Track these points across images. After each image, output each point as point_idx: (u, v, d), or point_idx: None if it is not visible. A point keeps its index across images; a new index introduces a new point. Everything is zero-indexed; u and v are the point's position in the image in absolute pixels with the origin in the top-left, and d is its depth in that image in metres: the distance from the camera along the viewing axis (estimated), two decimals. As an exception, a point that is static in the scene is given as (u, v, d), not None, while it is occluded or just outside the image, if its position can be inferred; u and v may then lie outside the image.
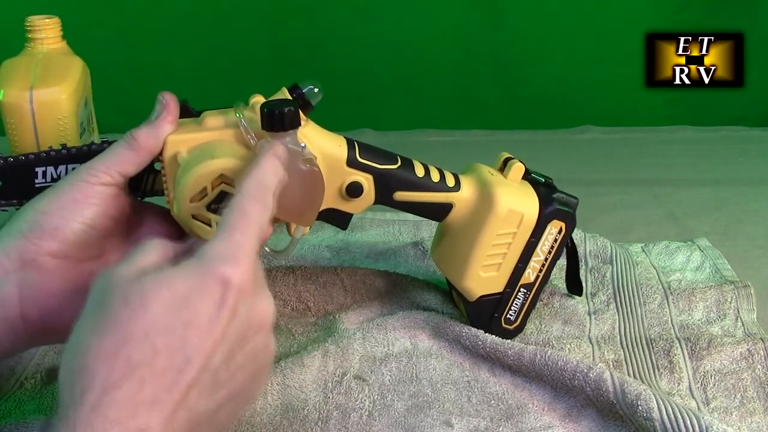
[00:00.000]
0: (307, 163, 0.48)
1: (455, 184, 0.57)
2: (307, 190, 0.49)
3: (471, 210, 0.57)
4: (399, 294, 0.66)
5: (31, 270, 0.44)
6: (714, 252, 0.76)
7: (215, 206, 0.46)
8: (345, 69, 1.25)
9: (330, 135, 0.54)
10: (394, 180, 0.55)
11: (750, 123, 1.25)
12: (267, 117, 0.47)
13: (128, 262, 0.38)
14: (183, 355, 0.34)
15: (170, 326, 0.34)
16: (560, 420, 0.52)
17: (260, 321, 0.38)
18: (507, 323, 0.60)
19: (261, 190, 0.41)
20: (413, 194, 0.56)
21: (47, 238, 0.44)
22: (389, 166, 0.55)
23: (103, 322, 0.35)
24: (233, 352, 0.37)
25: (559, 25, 1.24)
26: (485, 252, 0.57)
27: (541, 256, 0.58)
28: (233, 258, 0.37)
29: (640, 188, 0.97)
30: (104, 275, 0.37)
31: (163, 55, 1.23)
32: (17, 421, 0.49)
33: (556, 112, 1.28)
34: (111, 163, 0.47)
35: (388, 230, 0.80)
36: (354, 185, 0.54)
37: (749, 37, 1.10)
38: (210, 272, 0.36)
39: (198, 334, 0.35)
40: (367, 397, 0.53)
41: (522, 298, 0.59)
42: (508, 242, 0.57)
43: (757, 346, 0.59)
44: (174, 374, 0.34)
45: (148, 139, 0.47)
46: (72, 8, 1.08)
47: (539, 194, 0.58)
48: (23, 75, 0.72)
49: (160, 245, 0.40)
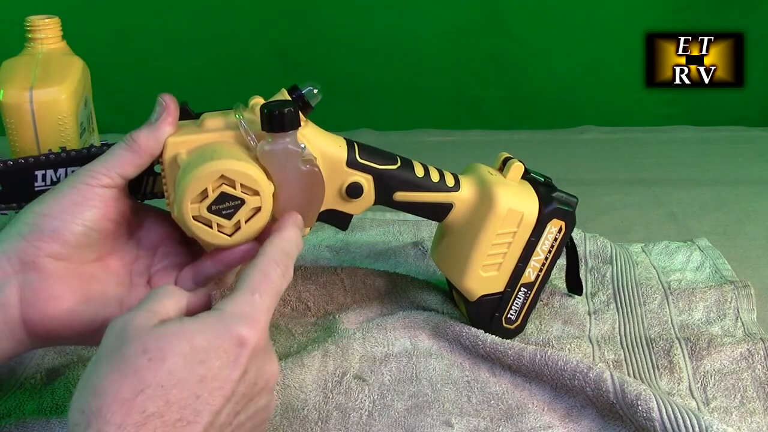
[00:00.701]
0: (307, 164, 0.48)
1: (455, 184, 0.57)
2: (307, 190, 0.49)
3: (471, 210, 0.57)
4: (399, 294, 0.66)
5: (31, 272, 0.44)
6: (714, 252, 0.76)
7: (216, 207, 0.46)
8: (345, 69, 1.25)
9: (330, 136, 0.54)
10: (393, 180, 0.55)
11: (750, 123, 1.25)
12: (267, 118, 0.47)
13: (145, 309, 0.38)
14: (193, 409, 0.35)
15: (185, 380, 0.35)
16: (560, 420, 0.52)
17: (266, 381, 0.40)
18: (508, 323, 0.60)
19: (283, 257, 0.43)
20: (413, 194, 0.56)
21: (47, 240, 0.44)
22: (389, 166, 0.55)
23: (122, 368, 0.35)
24: (239, 409, 0.38)
25: (559, 25, 1.24)
26: (485, 252, 0.57)
27: (541, 255, 0.58)
28: (251, 319, 0.39)
29: (640, 188, 0.97)
30: (121, 320, 0.38)
31: (163, 55, 1.23)
32: (17, 421, 0.49)
33: (556, 112, 1.29)
34: (111, 165, 0.46)
35: (388, 230, 0.80)
36: (354, 186, 0.54)
37: (749, 37, 1.10)
38: (228, 330, 0.38)
39: (210, 390, 0.36)
40: (367, 397, 0.53)
41: (522, 297, 0.59)
42: (509, 242, 0.57)
43: (757, 346, 0.59)
44: (183, 427, 0.35)
45: (148, 141, 0.47)
46: (72, 8, 1.08)
47: (539, 193, 0.58)
48: (23, 75, 0.72)
49: (175, 293, 0.41)
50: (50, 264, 0.44)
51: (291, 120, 0.47)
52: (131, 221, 0.50)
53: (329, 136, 0.54)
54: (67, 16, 0.79)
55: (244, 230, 0.47)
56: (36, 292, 0.44)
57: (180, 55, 1.23)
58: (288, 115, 0.46)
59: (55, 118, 0.71)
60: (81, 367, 0.55)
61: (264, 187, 0.47)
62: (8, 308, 0.43)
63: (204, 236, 0.47)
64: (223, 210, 0.46)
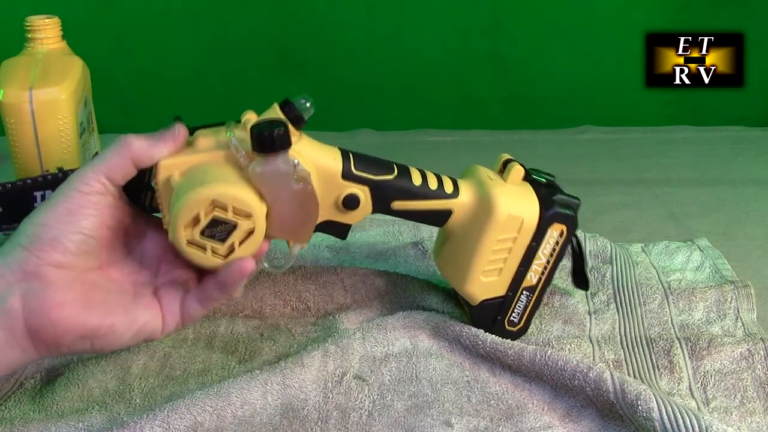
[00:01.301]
0: (300, 182, 0.48)
1: (453, 189, 0.57)
2: (301, 208, 0.49)
3: (470, 215, 0.57)
4: (399, 294, 0.66)
5: (33, 281, 0.44)
6: (714, 252, 0.76)
7: (209, 231, 0.46)
8: (345, 69, 1.25)
9: (324, 148, 0.53)
10: (390, 190, 0.55)
11: (750, 123, 1.25)
12: (257, 139, 0.46)
13: None
14: None
15: None
16: (560, 420, 0.52)
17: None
18: (510, 325, 0.60)
19: None
20: (411, 203, 0.56)
21: (48, 249, 0.44)
22: (385, 176, 0.54)
23: None
24: None
25: (559, 25, 1.24)
26: (486, 258, 0.56)
27: (542, 259, 0.58)
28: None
29: (640, 188, 0.97)
30: None
31: (163, 55, 1.23)
32: (17, 421, 0.49)
33: (556, 112, 1.29)
34: (100, 169, 0.46)
35: (388, 230, 0.80)
36: (350, 198, 0.53)
37: (749, 37, 1.10)
38: None
39: None
40: (366, 397, 0.53)
41: (525, 300, 0.59)
42: (509, 247, 0.56)
43: (757, 346, 0.59)
44: None
45: (140, 152, 0.47)
46: (72, 8, 1.09)
47: (540, 197, 0.57)
48: (23, 75, 0.72)
49: None
50: (52, 272, 0.45)
51: (281, 140, 0.46)
52: (131, 230, 0.50)
53: (324, 149, 0.53)
54: (67, 16, 0.79)
55: (239, 252, 0.47)
56: (39, 300, 0.44)
57: (180, 56, 1.23)
58: (278, 136, 0.46)
59: (55, 118, 0.71)
60: (81, 367, 0.55)
61: (256, 210, 0.46)
62: (12, 317, 0.44)
63: (199, 260, 0.47)
64: (216, 234, 0.46)
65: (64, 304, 0.44)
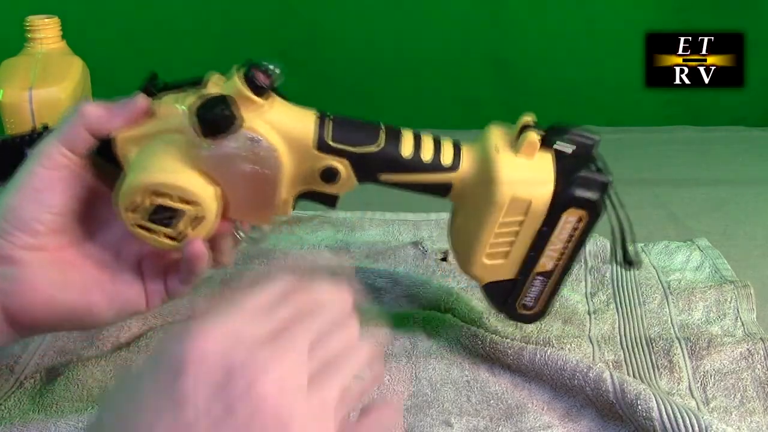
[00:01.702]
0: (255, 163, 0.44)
1: (453, 160, 0.50)
2: (256, 190, 0.46)
3: (473, 191, 0.51)
4: (398, 293, 0.66)
5: (8, 266, 0.44)
6: (714, 252, 0.76)
7: (155, 217, 0.44)
8: (344, 69, 1.25)
9: (298, 115, 0.48)
10: (374, 163, 0.49)
11: (750, 123, 1.25)
12: (199, 123, 0.43)
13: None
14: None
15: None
16: (560, 420, 0.52)
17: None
18: (523, 308, 0.55)
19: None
20: (401, 176, 0.50)
21: (17, 233, 0.44)
22: (367, 148, 0.48)
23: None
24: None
25: (559, 25, 1.24)
26: (487, 240, 0.51)
27: (558, 245, 0.51)
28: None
29: (640, 188, 0.97)
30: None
31: (164, 55, 1.22)
32: (17, 421, 0.49)
33: (556, 112, 1.28)
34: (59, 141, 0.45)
35: (388, 230, 0.80)
36: (328, 171, 0.48)
37: (749, 37, 1.09)
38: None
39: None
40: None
41: (539, 285, 0.53)
42: (515, 230, 0.50)
43: (757, 346, 0.59)
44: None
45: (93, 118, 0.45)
46: (72, 8, 1.08)
47: (559, 172, 0.49)
48: (23, 75, 0.72)
49: None
50: (26, 255, 0.44)
51: (226, 122, 0.43)
52: (104, 201, 0.47)
53: (297, 116, 0.47)
54: (67, 16, 0.79)
55: (192, 236, 0.45)
56: (14, 284, 0.44)
57: (180, 55, 1.23)
58: (222, 117, 0.43)
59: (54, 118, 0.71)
60: (81, 367, 0.55)
61: (202, 196, 0.44)
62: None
63: (151, 243, 0.46)
64: (163, 219, 0.44)
65: (39, 287, 0.44)
